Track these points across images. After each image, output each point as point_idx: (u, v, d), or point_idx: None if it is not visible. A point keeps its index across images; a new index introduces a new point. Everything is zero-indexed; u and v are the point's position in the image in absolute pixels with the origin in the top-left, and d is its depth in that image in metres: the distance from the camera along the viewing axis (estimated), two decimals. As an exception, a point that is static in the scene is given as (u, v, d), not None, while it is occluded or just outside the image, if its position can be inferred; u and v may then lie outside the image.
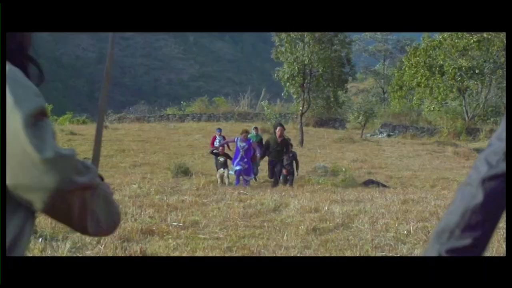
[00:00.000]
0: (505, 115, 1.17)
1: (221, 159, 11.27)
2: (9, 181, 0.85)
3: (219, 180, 10.89)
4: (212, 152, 12.10)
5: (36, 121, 0.86)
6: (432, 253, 1.23)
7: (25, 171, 0.85)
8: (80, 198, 0.91)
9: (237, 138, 11.27)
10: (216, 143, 12.93)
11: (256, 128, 12.97)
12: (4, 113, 0.85)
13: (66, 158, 0.88)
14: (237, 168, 10.81)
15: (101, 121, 1.27)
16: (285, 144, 10.83)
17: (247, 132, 11.42)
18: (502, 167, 1.15)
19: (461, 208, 1.17)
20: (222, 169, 11.08)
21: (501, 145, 1.17)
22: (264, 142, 11.47)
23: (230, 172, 11.04)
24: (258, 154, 11.17)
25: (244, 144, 11.03)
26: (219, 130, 13.93)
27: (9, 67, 0.90)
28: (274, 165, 10.76)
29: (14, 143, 0.84)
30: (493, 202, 1.17)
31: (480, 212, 1.17)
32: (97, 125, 1.27)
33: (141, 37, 78.36)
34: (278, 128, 10.89)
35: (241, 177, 10.84)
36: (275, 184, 10.56)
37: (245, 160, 10.87)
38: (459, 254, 1.19)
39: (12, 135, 0.84)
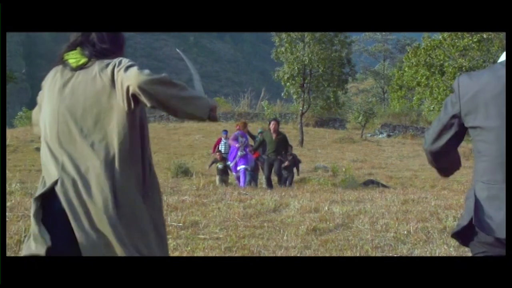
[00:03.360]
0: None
1: (220, 165, 10.66)
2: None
3: (218, 180, 10.66)
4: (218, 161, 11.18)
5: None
6: None
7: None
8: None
9: (236, 134, 10.58)
10: (222, 147, 12.02)
11: (261, 132, 12.42)
12: (4, 113, 0.86)
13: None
14: (242, 166, 10.22)
15: None
16: (283, 139, 10.00)
17: (244, 124, 10.78)
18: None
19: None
20: (222, 176, 10.55)
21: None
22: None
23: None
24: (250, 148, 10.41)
25: (244, 139, 10.47)
26: (225, 132, 12.55)
27: None
28: (271, 163, 9.92)
29: None
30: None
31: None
32: None
33: (141, 37, 78.36)
34: (272, 122, 10.06)
35: (240, 177, 10.33)
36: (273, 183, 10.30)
37: (247, 157, 10.26)
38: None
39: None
